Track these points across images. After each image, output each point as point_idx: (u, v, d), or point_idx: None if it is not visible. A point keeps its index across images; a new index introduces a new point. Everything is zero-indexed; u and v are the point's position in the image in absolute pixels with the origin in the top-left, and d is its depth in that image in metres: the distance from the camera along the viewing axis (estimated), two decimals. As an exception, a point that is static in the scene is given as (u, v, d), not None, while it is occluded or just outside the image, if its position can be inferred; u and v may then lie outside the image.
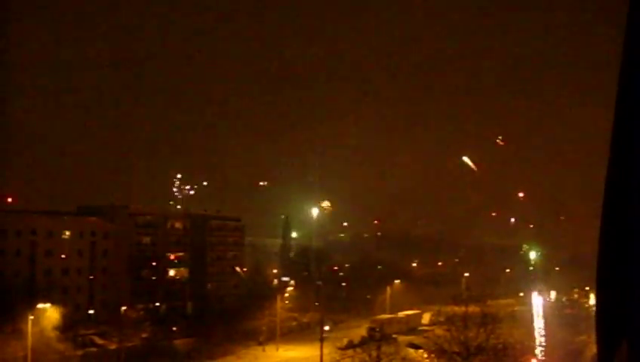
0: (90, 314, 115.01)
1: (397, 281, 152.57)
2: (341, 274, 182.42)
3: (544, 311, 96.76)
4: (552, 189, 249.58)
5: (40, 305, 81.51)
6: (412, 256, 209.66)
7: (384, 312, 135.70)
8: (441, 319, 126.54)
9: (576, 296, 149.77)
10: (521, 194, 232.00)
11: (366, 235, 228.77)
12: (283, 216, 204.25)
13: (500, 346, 67.00)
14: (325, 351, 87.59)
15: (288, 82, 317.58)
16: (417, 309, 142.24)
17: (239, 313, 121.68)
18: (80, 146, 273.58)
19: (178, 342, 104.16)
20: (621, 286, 2.53)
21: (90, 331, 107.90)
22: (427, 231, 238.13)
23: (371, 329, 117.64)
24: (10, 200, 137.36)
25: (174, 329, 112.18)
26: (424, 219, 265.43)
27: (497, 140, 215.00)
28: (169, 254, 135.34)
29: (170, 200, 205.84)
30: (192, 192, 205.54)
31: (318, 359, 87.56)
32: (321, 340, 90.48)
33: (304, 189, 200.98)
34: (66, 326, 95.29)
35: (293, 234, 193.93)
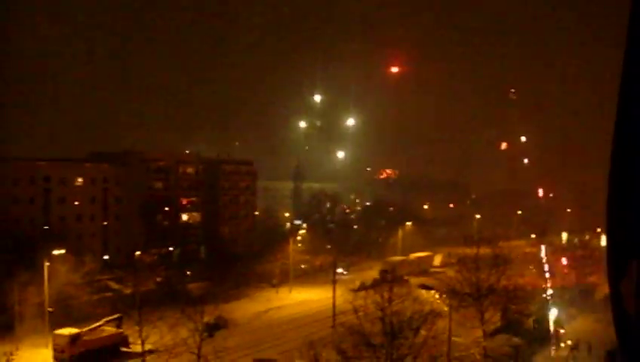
0: (105, 259, 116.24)
1: (408, 224, 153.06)
2: (353, 217, 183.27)
3: (555, 253, 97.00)
4: (567, 135, 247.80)
5: (55, 252, 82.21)
6: (424, 198, 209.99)
7: (396, 254, 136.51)
8: (453, 261, 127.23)
9: (587, 237, 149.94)
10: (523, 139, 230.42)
11: (378, 178, 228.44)
12: (295, 160, 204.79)
13: (511, 287, 67.40)
14: (338, 292, 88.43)
15: (299, 24, 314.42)
16: (429, 251, 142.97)
17: (252, 256, 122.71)
18: (92, 93, 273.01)
19: (192, 286, 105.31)
20: (631, 210, 2.50)
21: (105, 276, 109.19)
22: (439, 174, 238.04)
23: (383, 272, 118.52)
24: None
25: (188, 273, 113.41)
26: (437, 162, 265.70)
27: (510, 92, 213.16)
28: (182, 199, 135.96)
29: (182, 145, 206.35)
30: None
31: (331, 301, 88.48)
32: (334, 282, 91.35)
33: (316, 133, 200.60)
34: (81, 272, 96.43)
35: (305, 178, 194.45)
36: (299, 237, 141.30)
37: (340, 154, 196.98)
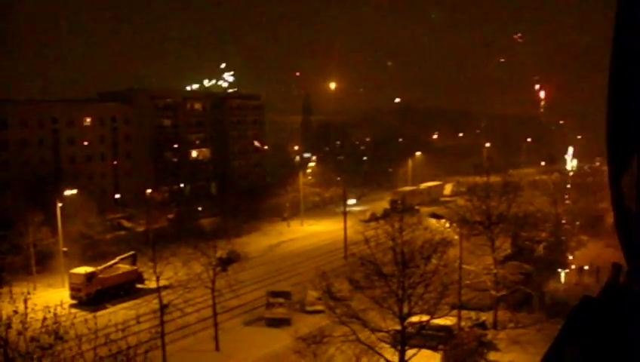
0: (117, 198, 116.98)
1: (418, 153, 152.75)
2: (362, 148, 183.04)
3: (566, 179, 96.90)
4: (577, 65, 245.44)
5: (67, 192, 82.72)
6: (433, 128, 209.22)
7: (406, 184, 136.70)
8: (463, 189, 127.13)
9: (597, 163, 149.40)
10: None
11: (387, 109, 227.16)
12: (304, 93, 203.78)
13: (521, 214, 67.50)
14: (348, 223, 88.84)
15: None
16: (439, 180, 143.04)
17: (263, 190, 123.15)
18: (97, 33, 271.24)
19: (204, 222, 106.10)
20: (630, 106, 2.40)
21: (118, 215, 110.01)
22: (448, 103, 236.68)
23: (393, 202, 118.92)
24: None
25: (199, 209, 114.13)
26: (446, 90, 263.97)
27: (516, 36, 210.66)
28: (190, 135, 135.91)
29: (188, 82, 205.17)
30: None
31: (342, 232, 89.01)
32: (345, 214, 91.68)
33: (326, 65, 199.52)
34: (94, 212, 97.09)
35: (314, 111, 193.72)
36: (309, 170, 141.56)
37: (348, 86, 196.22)
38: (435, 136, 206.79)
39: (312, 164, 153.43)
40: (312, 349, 40.62)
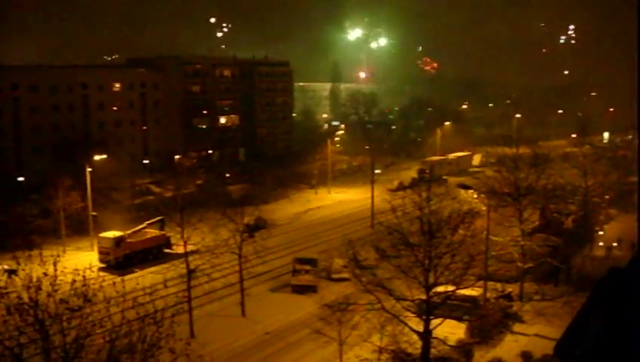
0: (145, 163, 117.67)
1: (447, 123, 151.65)
2: (391, 117, 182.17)
3: (597, 152, 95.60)
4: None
5: (96, 157, 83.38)
6: (463, 98, 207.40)
7: (434, 154, 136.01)
8: (492, 160, 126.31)
9: (629, 137, 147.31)
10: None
11: (417, 78, 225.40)
12: (332, 61, 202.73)
13: (550, 187, 66.88)
14: (376, 192, 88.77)
15: None
16: (468, 151, 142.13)
17: (291, 157, 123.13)
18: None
19: (232, 188, 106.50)
20: None
21: (146, 180, 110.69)
22: (479, 73, 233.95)
23: (421, 171, 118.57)
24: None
25: (227, 175, 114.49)
26: (476, 60, 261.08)
27: None
28: (219, 102, 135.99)
29: (217, 49, 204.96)
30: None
31: (369, 200, 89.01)
32: (372, 182, 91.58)
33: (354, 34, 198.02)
34: (123, 177, 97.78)
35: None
36: (337, 138, 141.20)
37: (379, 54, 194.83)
38: (464, 106, 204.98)
39: (340, 132, 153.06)
40: (338, 316, 40.81)
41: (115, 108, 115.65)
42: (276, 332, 53.01)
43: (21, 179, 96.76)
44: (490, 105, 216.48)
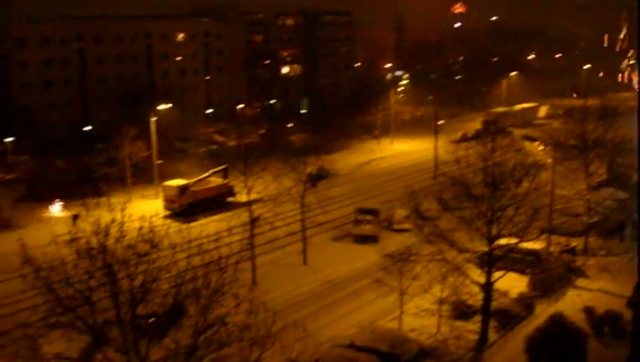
0: (209, 113, 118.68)
1: (513, 74, 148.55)
2: (455, 67, 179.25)
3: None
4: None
5: (161, 107, 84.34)
6: (530, 48, 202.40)
7: (499, 105, 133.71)
8: (559, 112, 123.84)
9: None
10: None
11: (482, 27, 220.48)
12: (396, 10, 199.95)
13: (619, 140, 65.21)
14: (439, 144, 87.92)
15: None
16: (534, 102, 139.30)
17: (353, 107, 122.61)
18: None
19: (294, 138, 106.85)
20: None
21: (210, 129, 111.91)
22: (547, 23, 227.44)
23: (486, 123, 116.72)
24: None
25: (290, 125, 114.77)
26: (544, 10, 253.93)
27: None
28: (281, 51, 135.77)
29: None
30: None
31: (432, 152, 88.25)
32: (435, 133, 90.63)
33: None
34: (187, 126, 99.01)
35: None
36: (400, 89, 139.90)
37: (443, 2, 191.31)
38: (531, 57, 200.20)
39: (403, 83, 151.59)
40: (399, 267, 40.85)
41: (178, 58, 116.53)
42: (337, 281, 53.42)
43: (88, 128, 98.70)
44: (557, 55, 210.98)
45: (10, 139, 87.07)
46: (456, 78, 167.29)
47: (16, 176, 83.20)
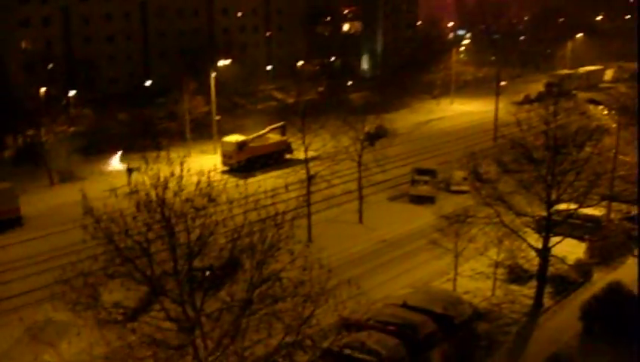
0: (268, 69, 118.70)
1: (579, 35, 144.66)
2: (520, 27, 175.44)
3: None
4: None
5: (220, 62, 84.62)
6: (598, 8, 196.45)
7: (564, 68, 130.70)
8: (625, 76, 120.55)
9: None
10: None
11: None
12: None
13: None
14: (500, 105, 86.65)
15: None
16: (600, 65, 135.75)
17: (414, 67, 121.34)
18: None
19: (353, 96, 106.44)
20: None
21: (269, 86, 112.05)
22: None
23: (549, 84, 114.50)
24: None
25: (349, 83, 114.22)
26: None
27: None
28: (342, 8, 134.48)
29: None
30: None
31: (493, 113, 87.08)
32: (497, 94, 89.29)
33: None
34: (246, 82, 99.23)
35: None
36: (462, 48, 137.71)
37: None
38: (599, 18, 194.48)
39: (465, 42, 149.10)
40: (455, 228, 40.63)
41: (239, 13, 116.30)
42: (392, 241, 53.49)
43: (148, 83, 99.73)
44: (627, 17, 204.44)
45: (72, 92, 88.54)
46: (520, 38, 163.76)
47: (78, 129, 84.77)
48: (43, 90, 79.79)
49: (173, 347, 22.77)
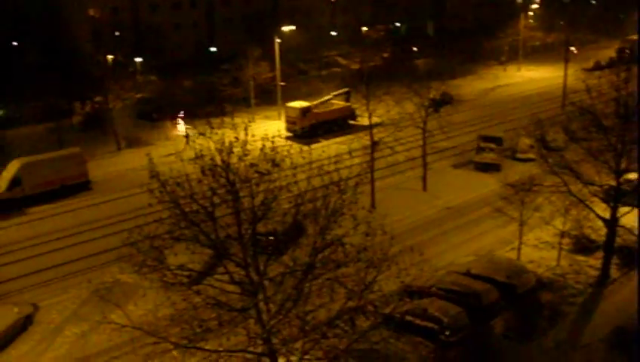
0: (333, 35, 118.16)
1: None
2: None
3: None
4: None
5: (284, 28, 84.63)
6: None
7: (636, 33, 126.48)
8: None
9: None
10: None
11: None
12: None
13: None
14: (569, 71, 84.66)
15: None
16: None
17: (480, 32, 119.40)
18: None
19: (419, 62, 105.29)
20: None
21: (333, 52, 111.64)
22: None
23: (621, 50, 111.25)
24: None
25: (415, 49, 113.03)
26: None
27: None
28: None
29: None
30: None
31: (561, 80, 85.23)
32: (566, 60, 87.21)
33: None
34: (311, 48, 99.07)
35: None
36: (530, 13, 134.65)
37: None
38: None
39: (534, 7, 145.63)
40: (520, 196, 40.09)
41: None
42: (457, 208, 53.14)
43: (213, 49, 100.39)
44: None
45: (139, 59, 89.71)
46: (592, 2, 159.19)
47: (144, 96, 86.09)
48: (110, 57, 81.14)
49: (237, 309, 23.14)
